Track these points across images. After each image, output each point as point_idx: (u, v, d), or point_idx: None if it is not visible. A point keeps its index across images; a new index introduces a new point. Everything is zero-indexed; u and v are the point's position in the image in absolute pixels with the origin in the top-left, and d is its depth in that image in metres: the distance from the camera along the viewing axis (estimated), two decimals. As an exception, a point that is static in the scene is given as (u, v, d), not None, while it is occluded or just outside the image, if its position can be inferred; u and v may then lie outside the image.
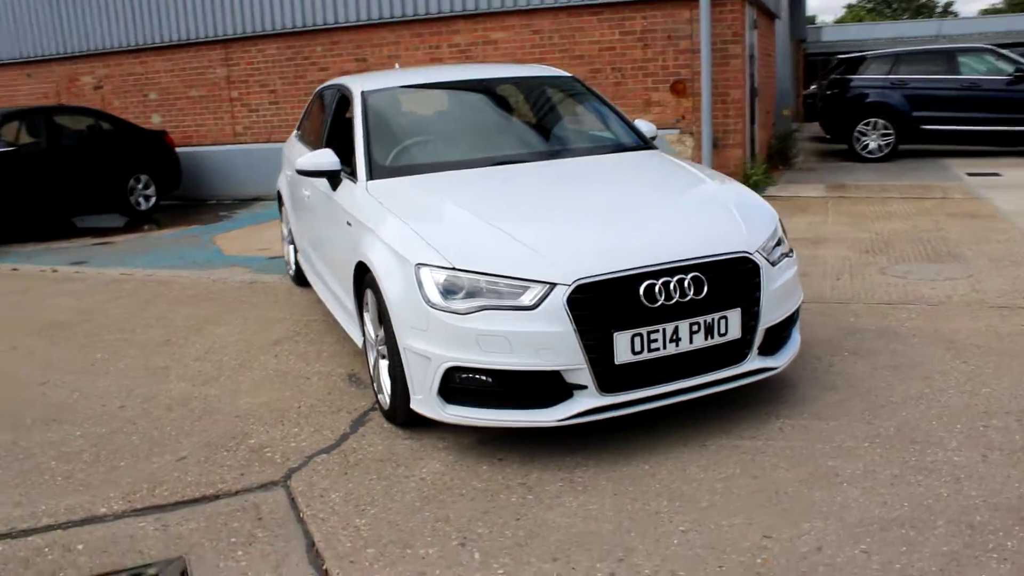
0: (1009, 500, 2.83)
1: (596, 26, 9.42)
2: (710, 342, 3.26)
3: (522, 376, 3.15)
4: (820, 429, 3.43)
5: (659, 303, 3.15)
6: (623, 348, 3.13)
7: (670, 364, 3.24)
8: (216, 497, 3.21)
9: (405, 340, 3.31)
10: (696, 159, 8.99)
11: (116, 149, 10.62)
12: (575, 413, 3.18)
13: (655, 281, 3.16)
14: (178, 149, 11.61)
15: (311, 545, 2.84)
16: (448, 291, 3.20)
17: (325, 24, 10.72)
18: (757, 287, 3.36)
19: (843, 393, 3.77)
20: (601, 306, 3.12)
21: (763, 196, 4.72)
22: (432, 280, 3.23)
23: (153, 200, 11.02)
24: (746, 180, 8.55)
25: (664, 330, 3.17)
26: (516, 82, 5.06)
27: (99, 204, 10.50)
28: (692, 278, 3.21)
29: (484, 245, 3.32)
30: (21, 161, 9.54)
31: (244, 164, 11.69)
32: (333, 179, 4.30)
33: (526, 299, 3.11)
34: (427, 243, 3.34)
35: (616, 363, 3.13)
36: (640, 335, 3.14)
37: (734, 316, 3.29)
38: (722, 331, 3.27)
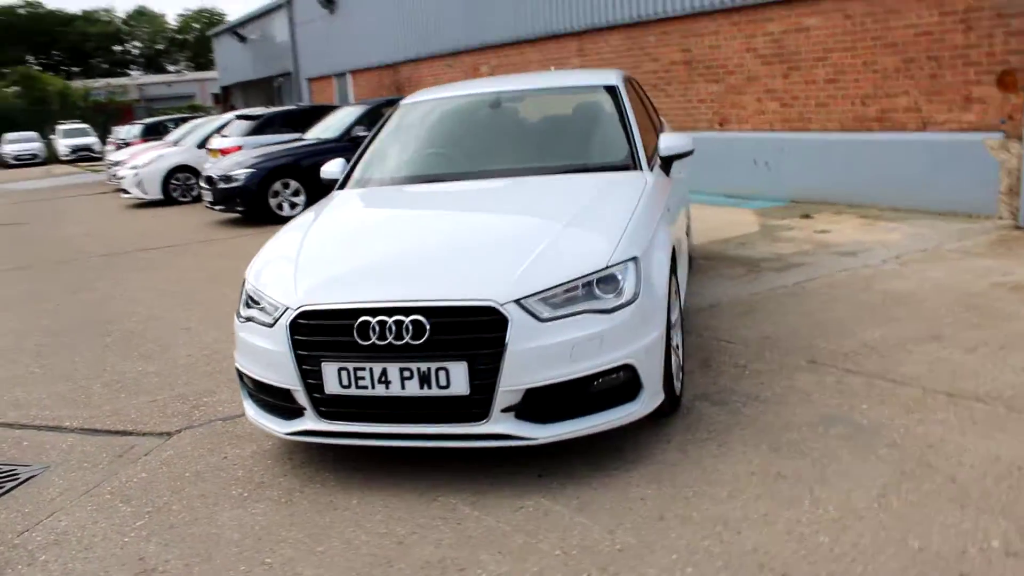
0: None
1: (913, 6, 7.84)
2: (428, 392, 3.09)
3: (268, 387, 3.41)
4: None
5: (371, 341, 3.10)
6: (331, 379, 3.18)
7: (386, 405, 3.16)
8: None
9: None
10: None
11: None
12: (297, 430, 3.35)
13: (371, 319, 3.11)
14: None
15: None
16: (247, 304, 3.58)
17: (656, 15, 10.75)
18: (499, 342, 3.02)
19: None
20: (317, 334, 3.21)
21: None
22: (244, 292, 3.64)
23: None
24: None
25: (372, 369, 3.12)
26: (543, 93, 4.88)
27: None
28: (412, 322, 3.07)
29: (279, 263, 3.60)
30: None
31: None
32: (341, 186, 4.79)
33: (270, 318, 3.35)
34: (257, 257, 3.74)
35: (327, 392, 3.20)
36: (347, 369, 3.15)
37: (458, 369, 3.05)
38: (442, 383, 3.07)
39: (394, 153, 4.70)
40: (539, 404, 3.12)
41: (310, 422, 3.31)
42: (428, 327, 3.07)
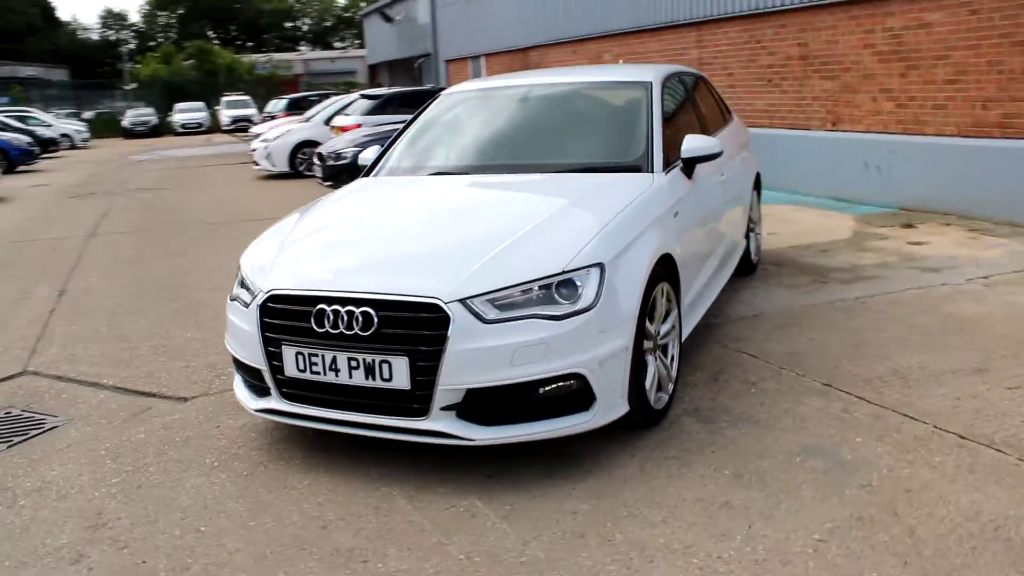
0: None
1: (1047, 1, 7.06)
2: (372, 383, 3.12)
3: (244, 365, 3.54)
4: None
5: (324, 329, 3.16)
6: (290, 362, 3.27)
7: (337, 392, 3.21)
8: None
9: None
10: None
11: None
12: (263, 408, 3.47)
13: (327, 307, 3.17)
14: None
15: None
16: (239, 284, 3.72)
17: (775, 6, 10.20)
18: (441, 340, 3.00)
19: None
20: (281, 318, 3.30)
21: None
22: (238, 272, 3.79)
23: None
24: None
25: (324, 356, 3.18)
26: (574, 88, 4.74)
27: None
28: (362, 313, 3.10)
29: (267, 246, 3.73)
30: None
31: (702, 145, 11.96)
32: (367, 173, 4.86)
33: (248, 299, 3.47)
34: (258, 238, 3.89)
35: (286, 374, 3.28)
36: (303, 354, 3.22)
37: (399, 364, 3.06)
38: (385, 376, 3.08)
39: (417, 144, 4.72)
40: (481, 405, 3.07)
41: (274, 401, 3.41)
42: (376, 320, 3.09)
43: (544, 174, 4.08)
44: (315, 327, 3.19)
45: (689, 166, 4.19)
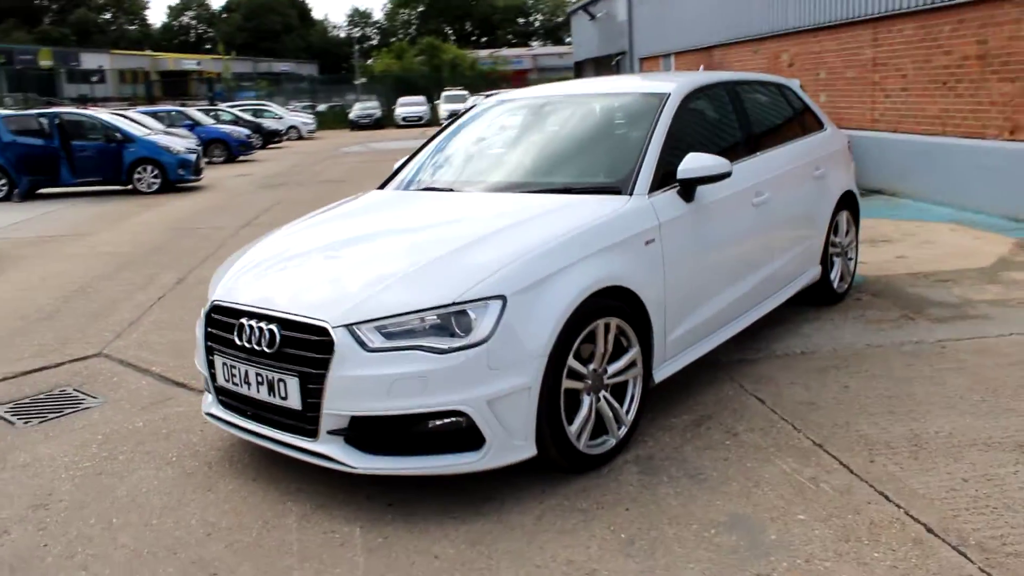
0: None
1: None
2: (274, 400, 3.15)
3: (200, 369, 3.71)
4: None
5: (242, 343, 3.24)
6: (220, 371, 3.39)
7: (251, 404, 3.29)
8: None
9: None
10: None
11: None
12: (208, 411, 3.60)
13: (245, 322, 3.24)
14: (824, 130, 11.59)
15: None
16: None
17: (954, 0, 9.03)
18: (326, 364, 2.97)
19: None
20: (216, 329, 3.42)
21: None
22: None
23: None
24: None
25: (239, 368, 3.26)
26: (594, 101, 4.45)
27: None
28: (269, 330, 3.15)
29: (238, 255, 3.86)
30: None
31: (874, 153, 10.88)
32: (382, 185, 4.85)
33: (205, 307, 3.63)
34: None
35: (218, 382, 3.40)
36: (227, 364, 3.32)
37: (292, 384, 3.07)
38: (282, 394, 3.11)
39: (429, 156, 4.67)
40: (366, 433, 3.01)
41: (213, 406, 3.55)
42: (279, 338, 3.12)
43: (519, 194, 3.89)
44: (236, 340, 3.27)
45: (687, 188, 3.82)
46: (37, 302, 6.81)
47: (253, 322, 3.21)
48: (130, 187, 15.00)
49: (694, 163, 3.76)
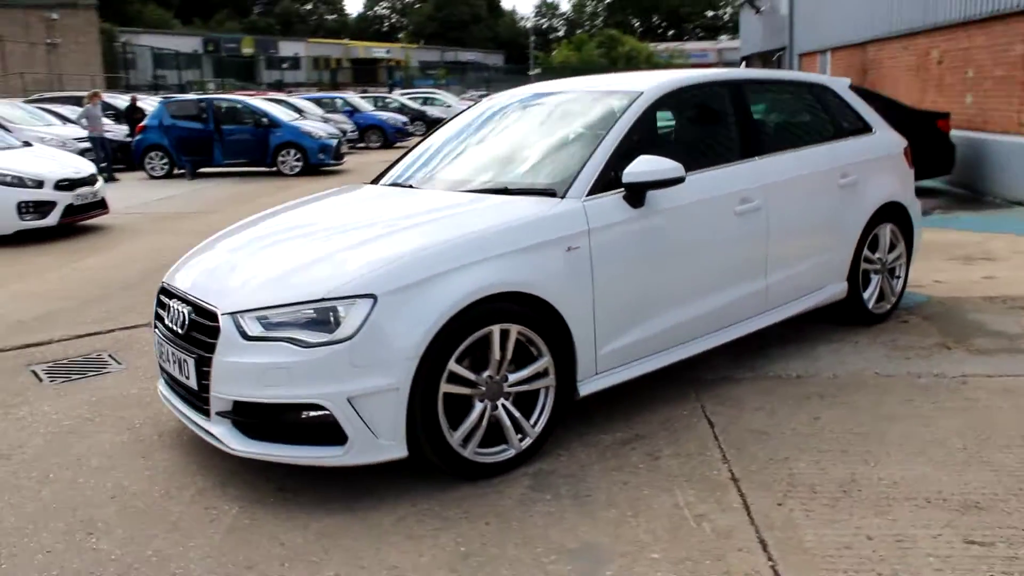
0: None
1: None
2: (181, 379, 3.33)
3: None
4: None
5: (166, 323, 3.45)
6: (155, 348, 3.61)
7: (175, 382, 3.48)
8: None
9: None
10: None
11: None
12: (160, 390, 3.82)
13: (170, 302, 3.45)
14: (968, 134, 10.54)
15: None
16: None
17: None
18: (212, 348, 3.11)
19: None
20: (160, 308, 3.64)
21: None
22: None
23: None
24: None
25: (165, 348, 3.46)
26: (570, 99, 4.29)
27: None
28: (184, 312, 3.34)
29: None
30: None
31: (1019, 162, 9.76)
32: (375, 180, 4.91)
33: None
34: None
35: (159, 360, 3.64)
36: (159, 343, 3.54)
37: (190, 364, 3.24)
38: (186, 374, 3.28)
39: (417, 151, 4.68)
40: (247, 417, 3.12)
41: (160, 384, 3.78)
42: (187, 320, 3.29)
43: (461, 192, 3.83)
44: (164, 319, 3.49)
45: (635, 193, 3.61)
46: (125, 274, 7.49)
47: (177, 304, 3.40)
48: (275, 169, 16.09)
49: (641, 167, 3.56)
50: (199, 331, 3.23)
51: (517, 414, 3.31)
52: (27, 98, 21.76)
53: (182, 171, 15.90)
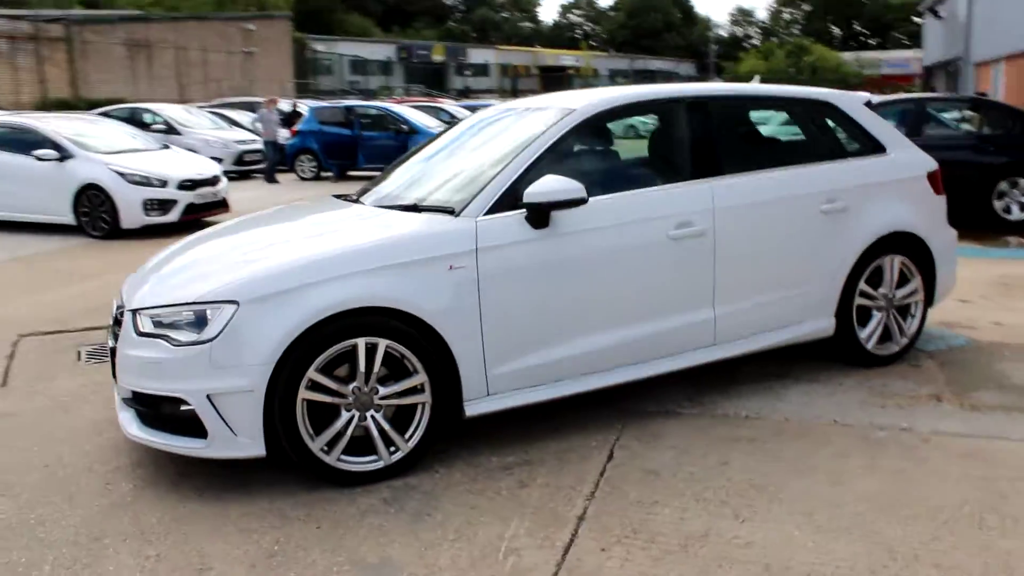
0: None
1: None
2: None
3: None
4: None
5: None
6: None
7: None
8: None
9: None
10: None
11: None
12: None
13: (116, 302, 3.86)
14: None
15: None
16: None
17: None
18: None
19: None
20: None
21: None
22: None
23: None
24: None
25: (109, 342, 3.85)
26: (519, 115, 4.29)
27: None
28: (114, 307, 3.76)
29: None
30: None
31: None
32: None
33: None
34: None
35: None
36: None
37: (110, 355, 3.61)
38: (110, 364, 3.65)
39: (394, 163, 4.82)
40: (142, 407, 3.45)
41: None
42: (113, 316, 3.69)
43: (380, 208, 3.96)
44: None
45: (537, 213, 3.58)
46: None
47: (119, 303, 3.79)
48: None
49: (541, 187, 3.54)
50: (117, 326, 3.59)
51: (387, 427, 3.40)
52: (205, 103, 23.80)
53: (328, 174, 17.02)
